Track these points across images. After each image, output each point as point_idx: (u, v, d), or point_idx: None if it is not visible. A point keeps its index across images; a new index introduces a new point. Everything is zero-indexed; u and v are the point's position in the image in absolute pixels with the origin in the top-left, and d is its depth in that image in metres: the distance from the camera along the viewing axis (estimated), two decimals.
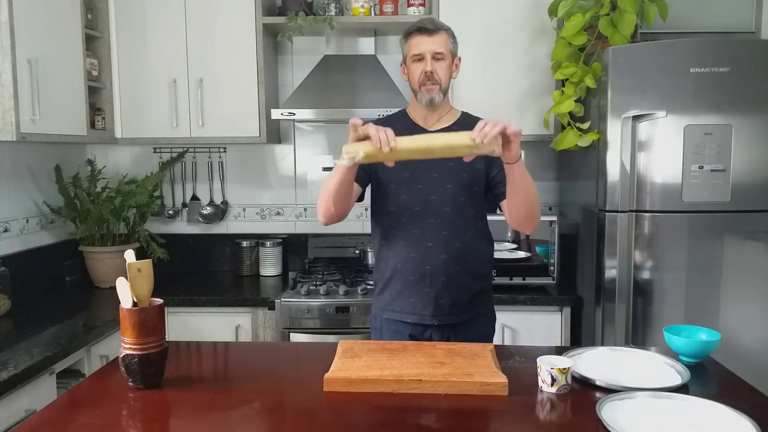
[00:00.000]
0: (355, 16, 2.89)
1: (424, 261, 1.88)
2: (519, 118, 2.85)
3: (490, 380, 1.45)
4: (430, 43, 1.87)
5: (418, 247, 1.88)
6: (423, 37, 1.87)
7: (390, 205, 1.92)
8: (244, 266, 3.18)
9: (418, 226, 1.88)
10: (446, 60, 1.89)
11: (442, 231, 1.88)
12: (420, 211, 1.88)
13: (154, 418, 1.37)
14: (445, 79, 1.90)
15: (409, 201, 1.89)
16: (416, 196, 1.88)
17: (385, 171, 1.88)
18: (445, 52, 1.88)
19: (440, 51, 1.87)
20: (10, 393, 1.73)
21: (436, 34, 1.87)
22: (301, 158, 3.28)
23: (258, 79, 2.89)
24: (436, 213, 1.88)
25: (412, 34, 1.90)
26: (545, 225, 2.82)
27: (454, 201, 1.88)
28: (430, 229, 1.88)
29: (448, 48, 1.89)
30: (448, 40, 1.90)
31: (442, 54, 1.88)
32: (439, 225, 1.88)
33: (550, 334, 2.68)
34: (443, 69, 1.89)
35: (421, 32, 1.88)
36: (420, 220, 1.88)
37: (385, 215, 1.93)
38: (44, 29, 2.41)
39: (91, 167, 3.01)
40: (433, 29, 1.87)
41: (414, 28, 1.90)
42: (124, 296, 1.47)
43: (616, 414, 1.30)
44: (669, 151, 2.38)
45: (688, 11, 2.83)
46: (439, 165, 1.85)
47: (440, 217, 1.88)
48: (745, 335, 2.40)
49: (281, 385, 1.57)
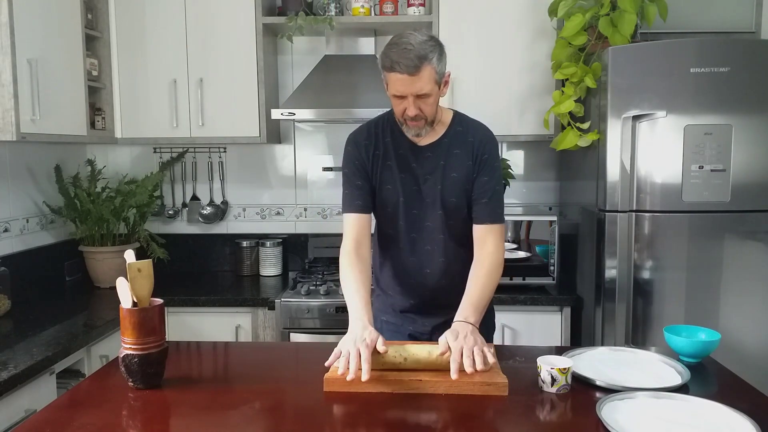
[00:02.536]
0: (355, 16, 2.89)
1: (423, 287, 1.86)
2: (519, 118, 2.86)
3: (490, 380, 1.45)
4: (411, 85, 1.63)
5: (417, 274, 1.86)
6: (403, 77, 1.63)
7: (388, 227, 1.87)
8: (244, 266, 3.18)
9: (416, 254, 1.85)
10: (432, 96, 1.68)
11: (439, 258, 1.84)
12: (416, 238, 1.84)
13: (154, 418, 1.37)
14: (431, 113, 1.72)
15: (406, 227, 1.84)
16: (412, 222, 1.83)
17: (382, 192, 1.84)
18: (429, 89, 1.66)
19: (424, 92, 1.65)
20: (10, 393, 1.74)
21: (417, 74, 1.62)
22: (301, 158, 3.28)
23: (258, 79, 2.89)
24: (432, 240, 1.83)
25: (391, 70, 1.64)
26: (545, 225, 2.82)
27: (445, 226, 1.82)
28: (428, 257, 1.84)
29: (432, 83, 1.65)
30: (431, 74, 1.64)
31: (426, 93, 1.66)
32: (435, 252, 1.84)
33: (550, 334, 2.68)
34: (428, 105, 1.69)
35: (401, 71, 1.62)
36: (417, 247, 1.84)
37: (384, 236, 1.90)
38: (44, 29, 2.41)
39: (91, 167, 3.01)
40: (414, 68, 1.61)
41: (391, 64, 1.63)
42: (124, 296, 1.47)
43: (616, 414, 1.30)
44: (669, 151, 2.38)
45: (688, 11, 2.83)
46: (430, 189, 1.80)
47: (436, 244, 1.83)
48: (745, 335, 2.40)
49: (281, 385, 1.57)
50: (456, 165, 1.80)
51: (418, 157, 1.82)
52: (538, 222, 2.92)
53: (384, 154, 1.83)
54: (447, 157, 1.81)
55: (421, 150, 1.83)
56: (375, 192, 1.85)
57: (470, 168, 1.80)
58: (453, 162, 1.80)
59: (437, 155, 1.81)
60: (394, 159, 1.82)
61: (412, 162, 1.82)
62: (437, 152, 1.81)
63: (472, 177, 1.80)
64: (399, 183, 1.82)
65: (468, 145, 1.81)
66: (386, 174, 1.83)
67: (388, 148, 1.84)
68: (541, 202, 3.21)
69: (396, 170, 1.82)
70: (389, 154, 1.83)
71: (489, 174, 1.81)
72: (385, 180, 1.83)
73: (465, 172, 1.80)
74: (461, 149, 1.81)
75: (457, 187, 1.79)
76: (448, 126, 1.84)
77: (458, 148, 1.81)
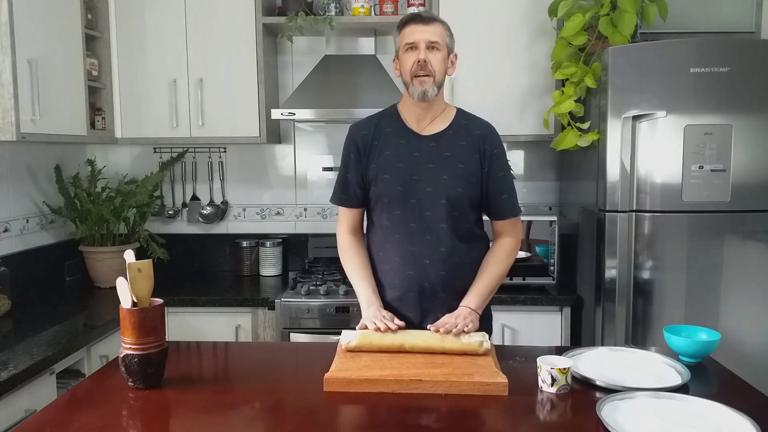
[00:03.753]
0: (355, 16, 2.89)
1: (422, 278, 1.83)
2: (519, 118, 2.86)
3: (490, 380, 1.45)
4: (425, 32, 1.77)
5: (416, 265, 1.82)
6: (417, 26, 1.77)
7: (385, 219, 1.86)
8: (244, 266, 3.18)
9: (415, 244, 1.82)
10: (441, 51, 1.79)
11: (439, 248, 1.81)
12: (415, 228, 1.82)
13: (154, 418, 1.37)
14: (439, 70, 1.79)
15: (404, 216, 1.82)
16: (411, 211, 1.82)
17: (378, 184, 1.83)
18: (440, 42, 1.78)
19: (435, 40, 1.77)
20: (10, 393, 1.73)
21: (431, 24, 1.78)
22: (301, 158, 3.28)
23: (258, 79, 2.89)
24: (432, 229, 1.81)
25: (406, 24, 1.80)
26: (545, 225, 2.82)
27: (448, 216, 1.81)
28: (427, 247, 1.82)
29: (444, 39, 1.79)
30: (444, 32, 1.80)
31: (437, 43, 1.77)
32: (435, 242, 1.82)
33: (550, 334, 2.68)
34: (438, 60, 1.78)
35: (416, 21, 1.78)
36: (416, 237, 1.82)
37: (380, 228, 1.88)
38: (44, 29, 2.41)
39: (91, 167, 3.01)
40: (429, 18, 1.79)
41: (408, 18, 1.81)
42: (124, 296, 1.47)
43: (616, 414, 1.30)
44: (669, 151, 2.38)
45: (688, 11, 2.83)
46: (433, 179, 1.80)
47: (436, 234, 1.81)
48: (745, 335, 2.40)
49: (281, 385, 1.57)
50: (463, 156, 1.81)
51: (422, 147, 1.83)
52: (538, 222, 2.92)
53: (383, 143, 1.85)
54: (453, 148, 1.82)
55: (424, 139, 1.84)
56: (370, 183, 1.86)
57: (477, 161, 1.82)
58: (459, 153, 1.82)
59: (442, 146, 1.83)
60: (395, 148, 1.84)
61: (414, 151, 1.83)
62: (442, 142, 1.83)
63: (479, 171, 1.82)
64: (396, 172, 1.82)
65: (474, 138, 1.83)
66: (384, 163, 1.83)
67: (388, 137, 1.85)
68: (541, 202, 3.21)
69: (395, 160, 1.83)
70: (389, 143, 1.84)
71: (504, 169, 1.86)
72: (383, 169, 1.83)
73: (472, 164, 1.82)
74: (467, 141, 1.83)
75: (463, 178, 1.80)
76: (453, 119, 1.87)
77: (464, 140, 1.83)
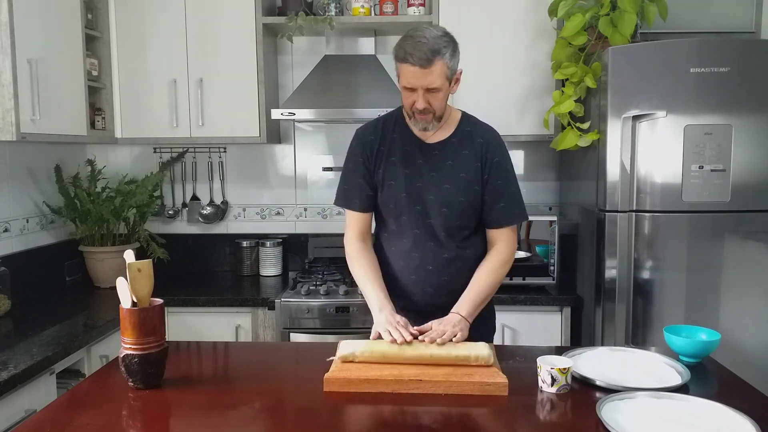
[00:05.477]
0: (355, 16, 2.89)
1: (427, 283, 1.85)
2: (519, 117, 2.86)
3: (490, 380, 1.45)
4: (422, 78, 1.65)
5: (419, 270, 1.84)
6: (414, 70, 1.65)
7: (392, 223, 1.88)
8: (244, 266, 3.18)
9: (419, 249, 1.84)
10: (442, 90, 1.70)
11: (443, 254, 1.83)
12: (419, 234, 1.84)
13: (154, 418, 1.37)
14: (440, 107, 1.73)
15: (410, 222, 1.84)
16: (415, 218, 1.83)
17: (384, 190, 1.84)
18: (440, 84, 1.68)
19: (434, 87, 1.67)
20: (10, 393, 1.74)
21: (429, 66, 1.64)
22: (301, 158, 3.28)
23: (258, 79, 2.89)
24: (436, 237, 1.83)
25: (402, 62, 1.67)
26: (545, 225, 2.82)
27: (451, 224, 1.83)
28: (432, 253, 1.83)
29: (443, 77, 1.68)
30: (443, 69, 1.66)
31: (436, 86, 1.68)
32: (439, 249, 1.83)
33: (550, 334, 2.68)
34: (438, 99, 1.71)
35: (413, 63, 1.64)
36: (421, 244, 1.84)
37: (388, 231, 1.90)
38: (44, 29, 2.41)
39: (91, 167, 3.01)
40: (427, 62, 1.63)
41: (403, 56, 1.66)
42: (124, 296, 1.47)
43: (616, 414, 1.30)
44: (669, 151, 2.38)
45: (688, 11, 2.83)
46: (435, 187, 1.81)
47: (440, 241, 1.83)
48: (745, 335, 2.40)
49: (281, 385, 1.57)
50: (465, 165, 1.82)
51: (426, 155, 1.83)
52: (538, 222, 2.92)
53: (389, 149, 1.85)
54: (456, 157, 1.82)
55: (429, 147, 1.84)
56: (377, 188, 1.86)
57: (478, 170, 1.82)
58: (462, 162, 1.82)
59: (445, 154, 1.83)
60: (400, 155, 1.84)
61: (419, 159, 1.83)
62: (445, 151, 1.83)
63: (480, 179, 1.82)
64: (403, 179, 1.83)
65: (476, 146, 1.83)
66: (390, 170, 1.84)
67: (394, 143, 1.85)
68: (541, 202, 3.21)
69: (401, 166, 1.83)
70: (395, 150, 1.84)
71: (503, 177, 1.83)
72: (389, 176, 1.84)
73: (473, 173, 1.82)
74: (470, 150, 1.83)
75: (465, 188, 1.81)
76: (457, 126, 1.86)
77: (467, 149, 1.83)
